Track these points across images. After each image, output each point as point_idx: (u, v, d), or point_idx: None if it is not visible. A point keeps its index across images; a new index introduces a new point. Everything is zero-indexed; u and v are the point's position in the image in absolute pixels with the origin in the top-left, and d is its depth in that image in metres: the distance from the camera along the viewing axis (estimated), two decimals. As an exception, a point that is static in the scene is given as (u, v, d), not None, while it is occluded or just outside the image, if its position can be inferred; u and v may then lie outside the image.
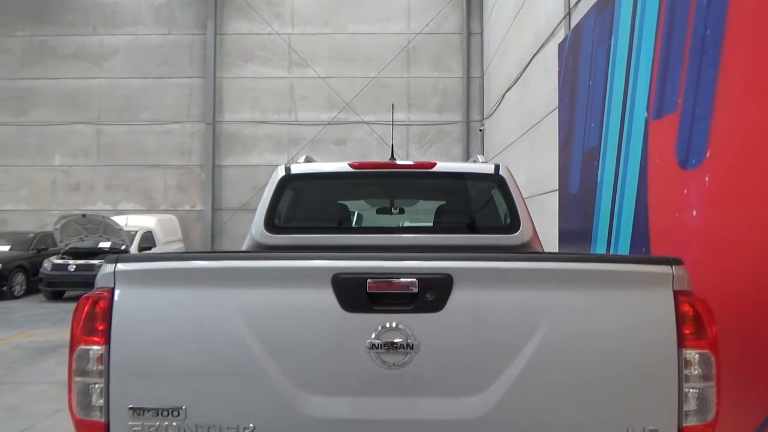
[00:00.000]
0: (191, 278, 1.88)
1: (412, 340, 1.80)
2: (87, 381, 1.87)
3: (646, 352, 1.83)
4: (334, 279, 1.83)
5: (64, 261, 12.95)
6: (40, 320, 10.60)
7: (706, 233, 4.88)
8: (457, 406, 1.81)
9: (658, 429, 1.81)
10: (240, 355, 1.82)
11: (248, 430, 1.82)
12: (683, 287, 1.87)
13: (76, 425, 1.90)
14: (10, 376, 6.62)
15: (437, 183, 4.06)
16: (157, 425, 1.83)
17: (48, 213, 17.51)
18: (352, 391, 1.82)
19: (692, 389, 1.83)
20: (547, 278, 1.86)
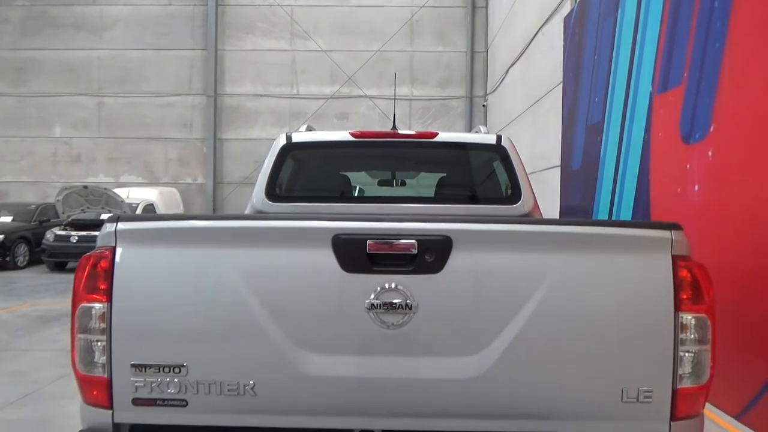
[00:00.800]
0: (192, 238, 1.89)
1: (410, 300, 1.82)
2: (89, 338, 1.89)
3: (643, 316, 1.84)
4: (334, 240, 1.84)
5: (67, 232, 13.00)
6: (44, 290, 10.68)
7: (707, 208, 4.88)
8: (454, 366, 1.83)
9: (652, 390, 1.84)
10: (240, 314, 1.83)
11: (248, 386, 1.84)
12: (682, 252, 1.88)
13: (79, 381, 1.93)
14: (14, 344, 6.70)
15: (439, 153, 4.05)
16: (159, 381, 1.85)
17: (49, 185, 17.51)
18: (350, 350, 1.85)
19: (688, 352, 1.85)
20: (546, 241, 1.86)
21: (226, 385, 1.86)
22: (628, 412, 1.84)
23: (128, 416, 1.89)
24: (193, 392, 1.86)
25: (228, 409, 1.86)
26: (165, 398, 1.87)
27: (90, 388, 1.92)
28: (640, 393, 1.84)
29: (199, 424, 1.88)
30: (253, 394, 1.85)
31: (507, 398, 1.84)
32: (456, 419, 1.86)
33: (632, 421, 1.86)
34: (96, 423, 1.91)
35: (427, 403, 1.85)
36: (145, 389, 1.87)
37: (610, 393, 1.84)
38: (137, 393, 1.87)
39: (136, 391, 1.87)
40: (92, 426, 1.91)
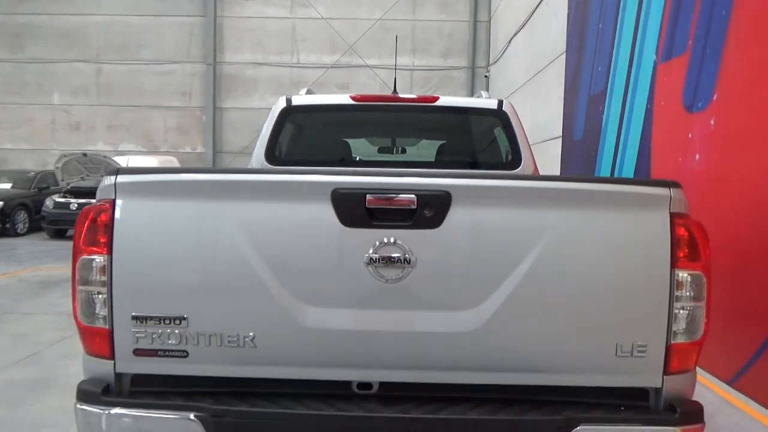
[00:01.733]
0: (191, 191, 1.89)
1: (409, 255, 1.83)
2: (90, 290, 1.90)
3: (639, 272, 1.85)
4: (333, 194, 1.84)
5: (66, 200, 13.00)
6: (44, 256, 10.74)
7: (708, 177, 4.88)
8: (452, 320, 1.85)
9: (646, 345, 1.86)
10: (240, 267, 1.85)
11: (248, 338, 1.87)
12: (680, 210, 1.88)
13: (81, 332, 1.96)
14: (16, 307, 6.76)
15: (439, 118, 4.02)
16: (160, 332, 1.88)
17: (48, 152, 17.46)
18: (349, 304, 1.86)
19: (683, 309, 1.87)
20: (544, 198, 1.86)
21: (226, 336, 1.88)
22: (622, 366, 1.87)
23: (130, 366, 1.92)
24: (194, 343, 1.88)
25: (228, 361, 1.89)
26: (166, 349, 1.89)
27: (92, 338, 1.94)
28: (635, 348, 1.87)
29: (199, 374, 1.91)
30: (253, 346, 1.87)
31: (503, 352, 1.87)
32: (453, 372, 1.88)
33: (626, 375, 1.89)
34: (98, 373, 1.94)
35: (424, 355, 1.87)
36: (146, 340, 1.89)
37: (605, 347, 1.86)
38: (138, 344, 1.89)
39: (137, 342, 1.89)
40: (95, 376, 1.94)
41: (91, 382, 1.93)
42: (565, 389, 1.91)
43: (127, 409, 1.86)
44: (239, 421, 1.82)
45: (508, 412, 1.86)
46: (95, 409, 1.87)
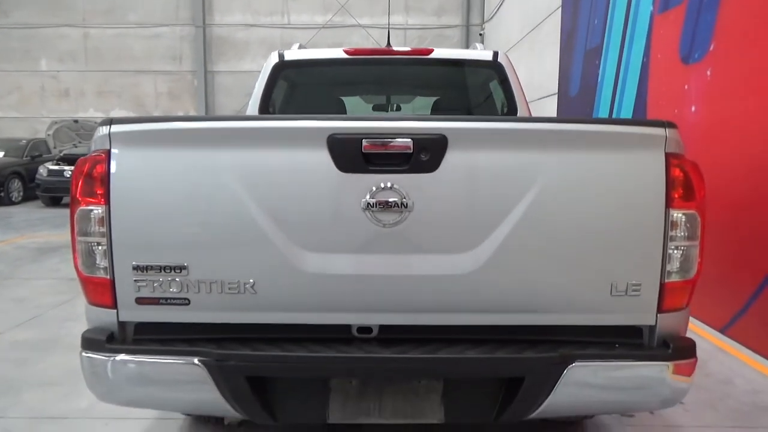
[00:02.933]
0: (187, 139, 1.88)
1: (406, 199, 1.83)
2: (89, 240, 1.91)
3: (634, 212, 1.87)
4: (329, 139, 1.83)
5: (60, 167, 12.91)
6: (40, 224, 10.72)
7: (704, 128, 4.87)
8: (449, 263, 1.87)
9: (641, 284, 1.90)
10: (238, 214, 1.85)
11: (248, 285, 1.89)
12: (675, 150, 1.89)
13: (83, 282, 1.97)
14: (15, 273, 6.79)
15: (434, 71, 3.98)
16: (161, 281, 1.89)
17: (39, 120, 17.24)
18: (347, 249, 1.88)
19: (677, 248, 1.89)
20: (540, 139, 1.86)
21: (226, 283, 1.90)
22: (617, 305, 1.90)
23: (132, 315, 1.94)
24: (195, 291, 1.90)
25: (229, 307, 1.91)
26: (167, 297, 1.92)
27: (93, 288, 1.96)
28: (629, 287, 1.90)
29: (201, 321, 1.94)
30: (253, 292, 1.90)
31: (500, 293, 1.89)
32: (450, 313, 1.92)
33: (620, 314, 1.93)
34: (102, 322, 1.96)
35: (422, 298, 1.90)
36: (147, 289, 1.91)
37: (600, 287, 1.89)
38: (140, 293, 1.91)
39: (138, 290, 1.91)
40: (98, 325, 1.97)
41: (95, 331, 1.96)
42: (561, 329, 1.95)
43: (131, 355, 1.90)
44: (243, 365, 1.86)
45: (505, 351, 1.90)
46: (100, 357, 1.90)
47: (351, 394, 1.97)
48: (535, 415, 1.94)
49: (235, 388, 1.87)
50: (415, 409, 1.97)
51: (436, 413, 1.96)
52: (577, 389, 1.88)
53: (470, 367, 1.88)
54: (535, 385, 1.87)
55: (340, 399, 1.97)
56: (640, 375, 1.90)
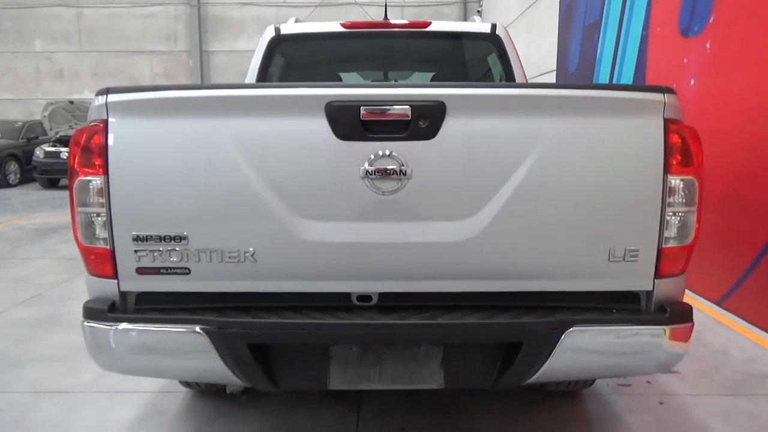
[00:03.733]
0: (185, 108, 1.87)
1: (404, 167, 1.83)
2: (89, 211, 1.91)
3: (633, 178, 1.87)
4: (327, 107, 1.83)
5: (57, 149, 12.86)
6: (38, 206, 10.71)
7: (703, 102, 4.85)
8: (448, 230, 1.88)
9: (638, 249, 1.91)
10: (237, 183, 1.85)
11: (248, 254, 1.89)
12: (674, 116, 1.89)
13: (83, 253, 1.98)
14: (14, 253, 6.80)
15: (432, 44, 3.95)
16: (161, 251, 1.90)
17: (34, 102, 17.12)
18: (347, 217, 1.88)
19: (675, 213, 1.90)
20: (539, 105, 1.86)
21: (226, 253, 1.90)
22: (614, 271, 1.92)
23: (133, 285, 1.95)
24: (195, 260, 1.91)
25: (229, 276, 1.92)
26: (168, 267, 1.92)
27: (94, 259, 1.96)
28: (627, 252, 1.91)
29: (202, 290, 1.95)
30: (253, 261, 1.90)
31: (498, 260, 1.90)
32: (449, 281, 1.93)
33: (618, 279, 1.94)
34: (103, 292, 1.97)
35: (421, 266, 1.91)
36: (147, 258, 1.92)
37: (598, 253, 1.90)
38: (140, 262, 1.92)
39: (139, 260, 1.92)
40: (99, 296, 1.98)
41: (96, 301, 1.97)
42: (559, 295, 1.96)
43: (133, 324, 1.91)
44: (244, 332, 1.87)
45: (504, 317, 1.92)
46: (102, 326, 1.92)
47: (351, 361, 1.99)
48: (533, 379, 1.96)
49: (237, 355, 1.88)
50: (414, 375, 1.99)
51: (435, 379, 1.99)
52: (574, 354, 1.90)
53: (469, 333, 1.89)
54: (533, 350, 1.89)
55: (340, 365, 1.99)
56: (637, 339, 1.92)
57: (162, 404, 3.09)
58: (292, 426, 2.84)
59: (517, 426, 2.84)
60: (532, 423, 2.87)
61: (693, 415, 2.97)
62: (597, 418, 2.96)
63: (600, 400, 3.13)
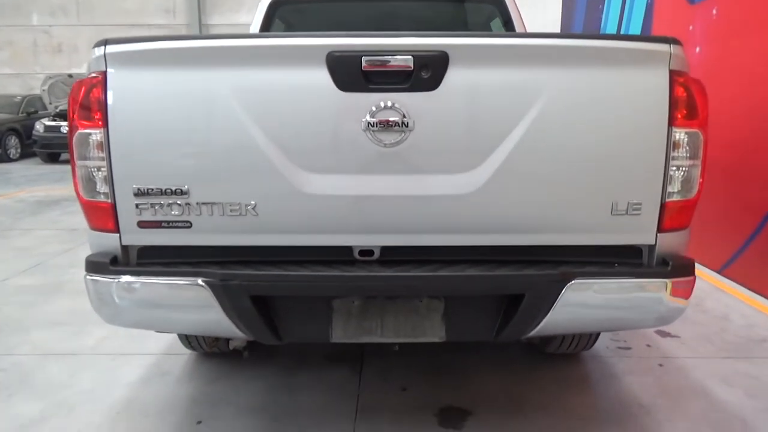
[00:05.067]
0: (184, 59, 1.85)
1: (407, 118, 1.82)
2: (89, 165, 1.90)
3: (636, 130, 1.85)
4: (328, 57, 1.80)
5: (57, 123, 12.79)
6: (39, 179, 10.70)
7: (708, 69, 4.79)
8: (450, 183, 1.87)
9: (641, 203, 1.90)
10: (237, 135, 1.83)
11: (250, 207, 1.89)
12: (680, 67, 1.86)
13: (84, 207, 1.97)
14: (17, 224, 6.81)
15: (435, 8, 3.89)
16: (162, 204, 1.89)
17: (33, 76, 16.99)
18: (348, 169, 1.87)
19: (679, 166, 1.88)
20: (543, 55, 1.83)
21: (228, 206, 1.90)
22: (617, 225, 1.91)
23: (135, 238, 1.95)
24: (197, 214, 1.90)
25: (231, 230, 1.92)
26: (169, 220, 1.92)
27: (95, 213, 1.96)
28: (630, 206, 1.90)
29: (203, 244, 1.95)
30: (255, 214, 1.90)
31: (501, 213, 1.89)
32: (451, 234, 1.92)
33: (620, 233, 1.93)
34: (105, 246, 1.97)
35: (423, 219, 1.90)
36: (149, 212, 1.91)
37: (601, 206, 1.89)
38: (142, 216, 1.92)
39: (140, 214, 1.91)
40: (101, 250, 1.98)
41: (98, 255, 1.97)
42: (561, 249, 1.95)
43: (135, 276, 1.91)
44: (247, 284, 1.87)
45: (506, 269, 1.91)
46: (105, 279, 1.92)
47: (353, 314, 2.00)
48: (534, 333, 1.97)
49: (240, 307, 1.89)
50: (416, 328, 2.00)
51: (437, 332, 2.00)
52: (576, 306, 1.90)
53: (471, 285, 1.89)
54: (535, 303, 1.89)
55: (342, 319, 2.00)
56: (638, 292, 1.92)
57: (166, 366, 3.12)
58: (295, 387, 2.87)
59: (517, 386, 2.87)
60: (533, 384, 2.89)
61: (692, 376, 2.99)
62: (597, 378, 2.98)
63: (600, 362, 3.15)
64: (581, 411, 2.66)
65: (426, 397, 2.75)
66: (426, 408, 2.66)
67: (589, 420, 2.59)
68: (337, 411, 2.64)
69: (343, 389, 2.84)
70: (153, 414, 2.66)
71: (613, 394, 2.81)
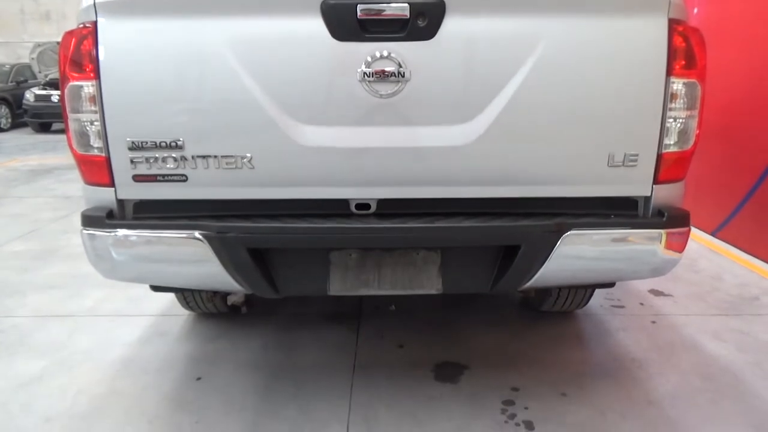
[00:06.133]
0: (176, 7, 1.80)
1: (403, 68, 1.79)
2: (81, 117, 1.88)
3: (634, 80, 1.84)
4: (323, 6, 1.77)
5: (47, 92, 12.62)
6: (31, 149, 10.60)
7: (706, 31, 4.74)
8: (447, 134, 1.86)
9: (638, 154, 1.89)
10: (232, 86, 1.81)
11: (246, 159, 1.88)
12: (678, 15, 1.84)
13: (78, 162, 1.95)
14: (10, 192, 6.77)
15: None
16: (157, 157, 1.88)
17: (21, 45, 16.68)
18: (344, 121, 1.85)
19: (676, 117, 1.88)
20: (541, 2, 1.80)
21: (223, 159, 1.89)
22: (613, 176, 1.91)
23: (131, 192, 1.93)
24: (192, 167, 1.89)
25: (227, 183, 1.91)
26: (165, 174, 1.90)
27: (89, 167, 1.94)
28: (627, 157, 1.90)
29: (200, 198, 1.94)
30: (251, 167, 1.89)
31: (497, 164, 1.89)
32: (448, 186, 1.92)
33: (616, 185, 1.93)
34: (100, 201, 1.95)
35: (420, 171, 1.90)
36: (144, 165, 1.90)
37: (597, 158, 1.89)
38: (137, 169, 1.90)
39: (135, 167, 1.90)
40: (97, 205, 1.97)
41: (94, 210, 1.96)
42: (557, 201, 1.96)
43: (132, 230, 1.91)
44: (243, 236, 1.87)
45: (502, 221, 1.92)
46: (101, 233, 1.91)
47: (350, 267, 2.01)
48: (529, 284, 1.99)
49: (237, 260, 1.89)
50: (413, 280, 2.01)
51: (433, 284, 2.01)
52: (571, 257, 1.91)
53: (468, 236, 1.90)
54: (530, 254, 1.90)
55: (339, 271, 2.00)
56: (633, 242, 1.93)
57: (164, 326, 3.14)
58: (293, 345, 2.90)
59: (512, 343, 2.91)
60: (527, 340, 2.94)
61: (684, 332, 3.04)
62: (590, 335, 3.03)
63: (594, 319, 3.20)
64: (575, 365, 2.70)
65: (422, 354, 2.79)
66: (422, 364, 2.70)
67: (582, 373, 2.63)
68: (334, 367, 2.68)
69: (340, 347, 2.87)
70: (153, 371, 2.69)
71: (607, 349, 2.86)
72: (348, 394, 2.46)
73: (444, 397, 2.44)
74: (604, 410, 2.34)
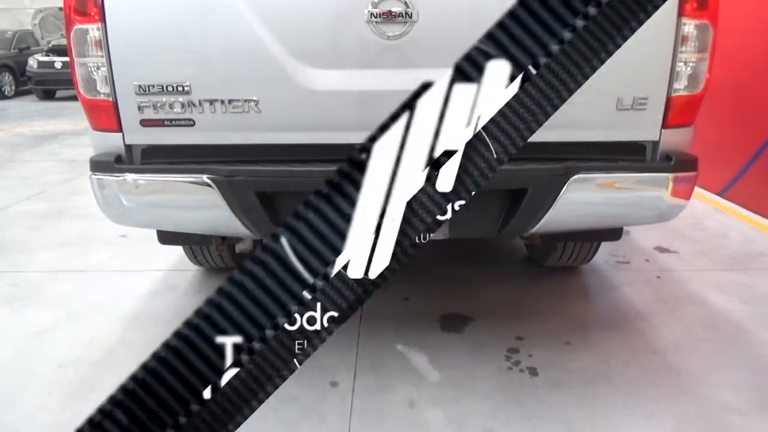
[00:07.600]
0: None
1: (410, 9, 1.77)
2: (88, 62, 1.87)
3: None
4: None
5: (50, 58, 12.52)
6: (36, 115, 10.58)
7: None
8: None
9: (647, 98, 1.88)
10: (238, 29, 1.80)
11: (252, 103, 1.87)
12: (691, -45, 1.81)
13: (86, 107, 1.96)
14: (16, 156, 6.79)
15: None
16: (164, 101, 1.88)
17: (22, 11, 16.51)
18: (351, 64, 1.84)
19: (687, 60, 1.86)
20: (552, -59, 1.77)
21: (230, 103, 1.88)
22: (622, 120, 1.90)
23: (138, 137, 1.94)
24: (199, 111, 1.89)
25: (234, 128, 1.91)
26: (172, 118, 1.91)
27: (97, 113, 1.95)
28: (635, 101, 1.88)
29: (207, 143, 1.94)
30: (258, 111, 1.88)
31: None
32: (455, 131, 1.91)
33: (625, 129, 1.92)
34: (108, 147, 1.96)
35: None
36: (151, 110, 1.89)
37: (606, 101, 1.87)
38: (144, 114, 1.90)
39: (142, 112, 1.90)
40: (105, 150, 1.97)
41: (102, 155, 1.97)
42: (565, 145, 1.95)
43: (140, 174, 1.92)
44: (251, 180, 1.88)
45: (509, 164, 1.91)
46: (110, 177, 1.93)
47: (358, 212, 2.01)
48: (536, 229, 1.99)
49: (245, 203, 1.90)
50: (420, 226, 2.02)
51: (440, 229, 2.01)
52: (578, 202, 1.91)
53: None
54: (538, 197, 1.90)
55: (347, 216, 2.01)
56: (640, 186, 1.93)
57: (173, 280, 3.18)
58: (300, 297, 2.93)
59: (517, 297, 2.93)
60: (532, 294, 2.96)
61: (689, 287, 3.05)
62: (595, 289, 3.05)
63: (599, 275, 3.21)
64: (580, 317, 2.73)
65: (428, 306, 2.82)
66: (428, 315, 2.73)
67: (587, 324, 2.66)
68: (341, 318, 2.71)
69: (347, 299, 2.90)
70: (163, 322, 2.73)
71: (611, 303, 2.88)
72: (355, 343, 2.50)
73: (449, 345, 2.48)
74: (607, 357, 2.37)
